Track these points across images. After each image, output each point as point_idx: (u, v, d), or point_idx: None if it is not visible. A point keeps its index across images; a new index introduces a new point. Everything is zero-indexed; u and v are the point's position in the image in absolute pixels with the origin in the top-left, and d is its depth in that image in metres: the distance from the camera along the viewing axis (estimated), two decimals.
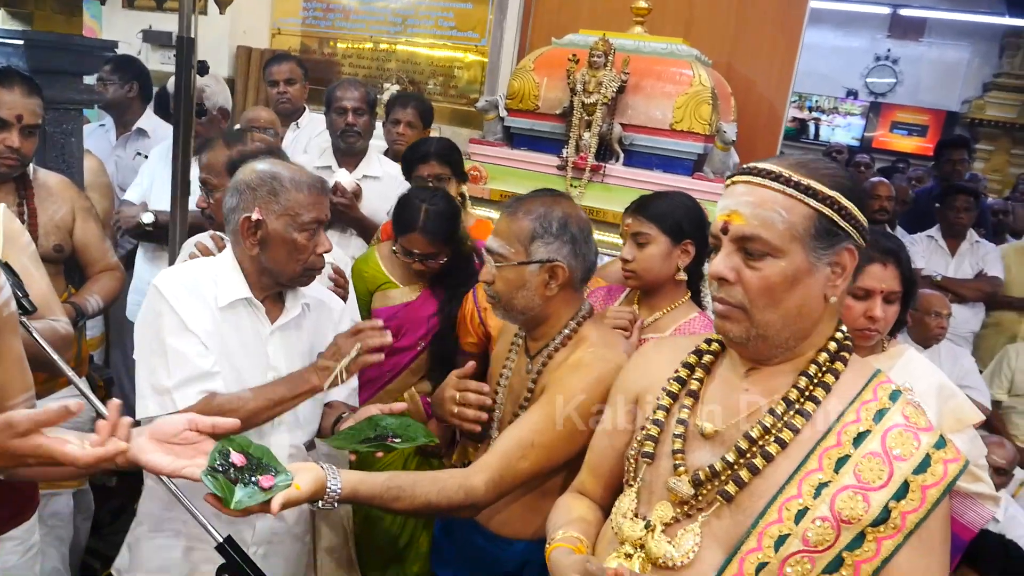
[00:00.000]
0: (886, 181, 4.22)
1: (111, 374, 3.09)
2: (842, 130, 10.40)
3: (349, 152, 3.18)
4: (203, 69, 2.22)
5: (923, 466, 1.11)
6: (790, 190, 1.14)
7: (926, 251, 4.38)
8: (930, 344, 3.43)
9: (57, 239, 2.30)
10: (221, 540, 1.49)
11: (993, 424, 3.63)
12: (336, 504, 1.41)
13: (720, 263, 1.18)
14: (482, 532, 1.74)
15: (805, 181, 1.14)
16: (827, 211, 1.14)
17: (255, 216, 1.65)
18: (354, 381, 1.97)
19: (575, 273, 1.67)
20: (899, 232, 4.29)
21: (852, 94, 10.28)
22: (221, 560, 1.69)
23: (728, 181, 1.23)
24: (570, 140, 2.91)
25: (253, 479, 1.29)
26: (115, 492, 3.04)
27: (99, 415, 1.56)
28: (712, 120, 2.78)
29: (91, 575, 2.68)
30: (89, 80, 2.67)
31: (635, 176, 2.85)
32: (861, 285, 1.79)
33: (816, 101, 10.59)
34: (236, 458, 1.30)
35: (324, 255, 1.74)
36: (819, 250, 1.14)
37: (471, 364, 1.86)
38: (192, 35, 2.13)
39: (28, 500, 1.90)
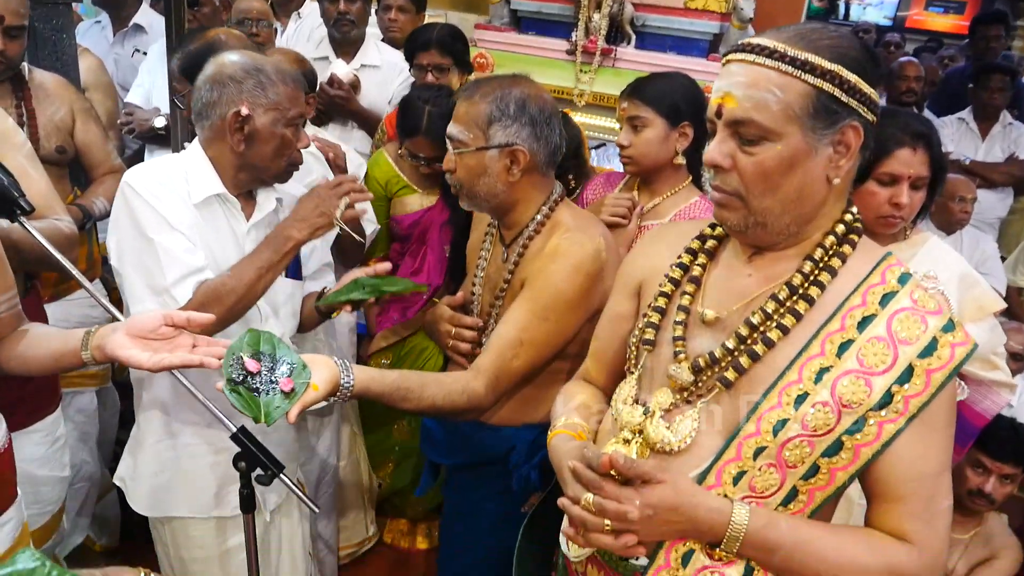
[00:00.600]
0: (914, 60, 4.02)
1: None
2: (874, 9, 9.84)
3: (345, 41, 3.07)
4: None
5: (929, 349, 1.08)
6: (785, 67, 1.06)
7: (955, 134, 4.23)
8: (953, 230, 3.35)
9: (58, 140, 2.27)
10: (235, 430, 1.53)
11: (1014, 312, 3.59)
12: (347, 399, 1.43)
13: (714, 149, 1.12)
14: (470, 421, 1.77)
15: (802, 56, 1.05)
16: (827, 87, 1.06)
17: (244, 111, 1.59)
18: (330, 275, 1.95)
19: (537, 157, 1.62)
20: (927, 114, 4.11)
21: None
22: (221, 457, 1.76)
23: (724, 60, 1.15)
24: (579, 23, 2.78)
25: (273, 383, 1.29)
26: None
27: (113, 317, 1.59)
28: None
29: None
30: None
31: (647, 59, 2.74)
32: (887, 170, 1.71)
33: None
34: (250, 364, 1.29)
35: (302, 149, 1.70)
36: (819, 130, 1.07)
37: (460, 295, 1.84)
38: None
39: (51, 395, 1.97)
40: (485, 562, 1.77)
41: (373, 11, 3.31)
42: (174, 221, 1.61)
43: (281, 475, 1.52)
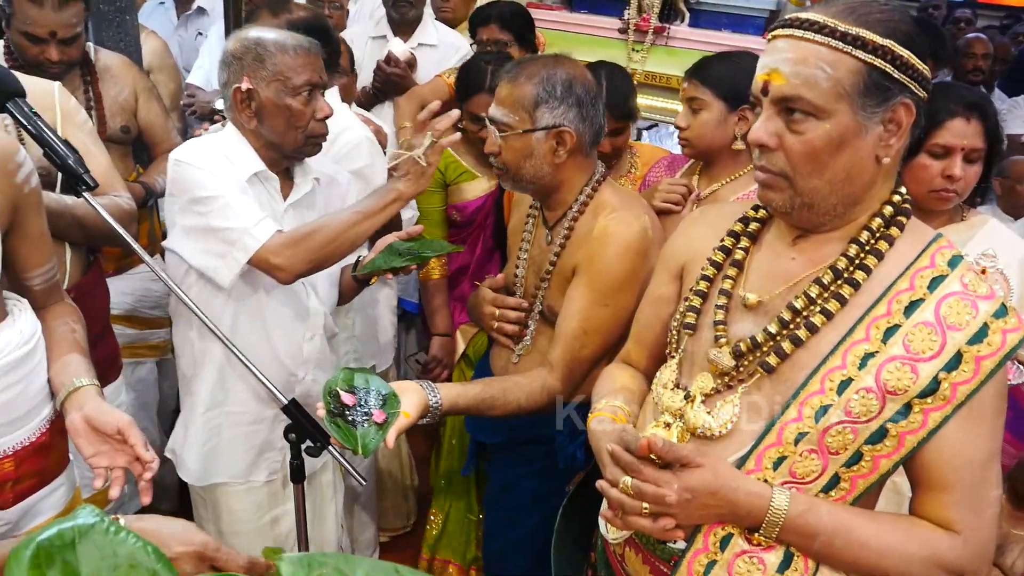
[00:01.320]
0: (983, 37, 3.84)
1: None
2: None
3: (403, 21, 3.09)
4: None
5: (979, 336, 1.05)
6: (835, 42, 1.03)
7: None
8: (1020, 215, 3.22)
9: (123, 120, 2.34)
10: (286, 402, 1.59)
11: None
12: (438, 418, 1.50)
13: (759, 128, 1.09)
14: None
15: (853, 30, 1.02)
16: (879, 63, 1.03)
17: (244, 85, 1.62)
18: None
19: (583, 137, 1.62)
20: (997, 94, 3.94)
21: None
22: (260, 426, 1.83)
23: (769, 35, 1.12)
24: (632, 1, 2.74)
25: (367, 415, 1.36)
26: None
27: (170, 289, 1.65)
28: None
29: None
30: None
31: (702, 37, 2.70)
32: (939, 142, 1.66)
33: None
34: (346, 397, 1.37)
35: (324, 120, 1.69)
36: (869, 107, 1.04)
37: (500, 277, 1.85)
38: None
39: (112, 364, 2.05)
40: (528, 539, 1.79)
41: None
42: (233, 184, 1.64)
43: (329, 447, 1.57)
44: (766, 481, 1.12)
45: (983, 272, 1.59)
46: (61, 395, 1.36)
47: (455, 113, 1.67)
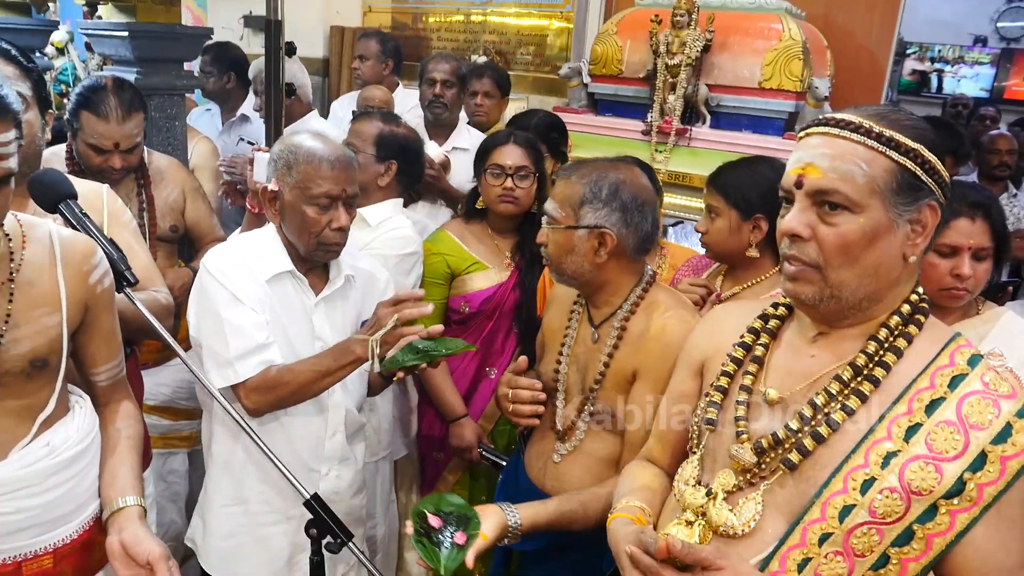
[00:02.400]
0: (1007, 134, 3.88)
1: None
2: (969, 81, 9.55)
3: (437, 123, 3.24)
4: (291, 50, 2.31)
5: (1003, 435, 1.04)
6: (871, 141, 1.07)
7: None
8: None
9: (172, 220, 2.46)
10: (308, 497, 1.59)
11: None
12: (518, 539, 1.51)
13: (794, 219, 1.12)
14: (545, 497, 1.76)
15: (888, 132, 1.07)
16: (909, 164, 1.07)
17: (272, 187, 1.73)
18: None
19: (625, 241, 1.63)
20: None
21: (980, 41, 9.44)
22: (292, 524, 1.82)
23: (801, 133, 1.17)
24: (654, 104, 2.85)
25: (451, 537, 1.43)
26: None
27: (200, 382, 1.69)
28: (804, 76, 2.66)
29: None
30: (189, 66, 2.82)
31: (723, 138, 2.78)
32: (946, 242, 1.68)
33: (939, 51, 9.82)
34: (433, 520, 1.44)
35: (341, 230, 1.74)
36: (900, 206, 1.08)
37: (523, 359, 1.84)
38: (280, 18, 2.22)
39: (143, 455, 2.08)
40: None
41: None
42: (242, 296, 1.71)
43: (350, 543, 1.56)
44: None
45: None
46: (106, 512, 1.40)
47: (428, 308, 1.70)
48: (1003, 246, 1.74)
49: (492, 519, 1.47)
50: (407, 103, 3.86)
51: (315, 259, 1.80)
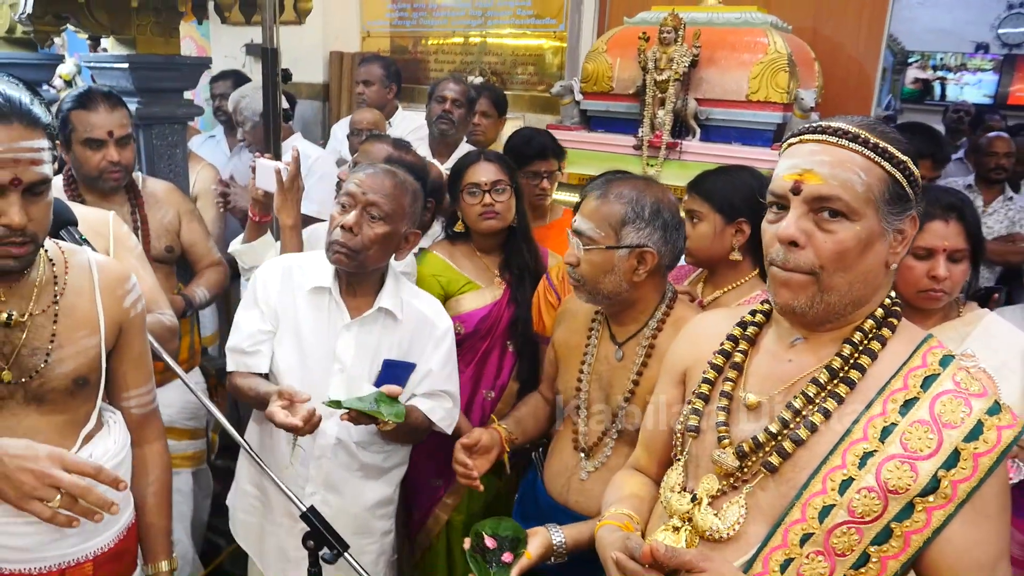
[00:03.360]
0: (1005, 136, 3.87)
1: (223, 363, 3.33)
2: (972, 88, 9.56)
3: (443, 142, 3.28)
4: (286, 77, 2.37)
5: (974, 433, 1.07)
6: (867, 151, 1.10)
7: None
8: None
9: (167, 241, 2.52)
10: (304, 509, 1.62)
11: None
12: (566, 557, 1.55)
13: (791, 226, 1.12)
14: (569, 514, 1.78)
15: (882, 143, 1.10)
16: (899, 175, 1.10)
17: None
18: (447, 403, 2.01)
19: (663, 259, 1.67)
20: None
21: (982, 48, 9.47)
22: (292, 522, 1.84)
23: (794, 139, 1.17)
24: (644, 119, 2.89)
25: (501, 558, 1.53)
26: None
27: (202, 404, 1.75)
28: (790, 88, 2.69)
29: (216, 551, 2.92)
30: (189, 95, 2.89)
31: (713, 151, 2.80)
32: (922, 244, 1.71)
33: (941, 59, 9.85)
34: (488, 542, 1.54)
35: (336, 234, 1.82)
36: (890, 215, 1.11)
37: (475, 434, 1.85)
38: (275, 46, 2.28)
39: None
40: None
41: None
42: (261, 304, 1.88)
43: (346, 554, 1.59)
44: None
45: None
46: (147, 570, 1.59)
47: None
48: (979, 248, 1.76)
49: (538, 539, 1.52)
50: (407, 126, 3.92)
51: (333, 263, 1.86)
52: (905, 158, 1.10)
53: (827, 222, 1.10)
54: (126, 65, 2.51)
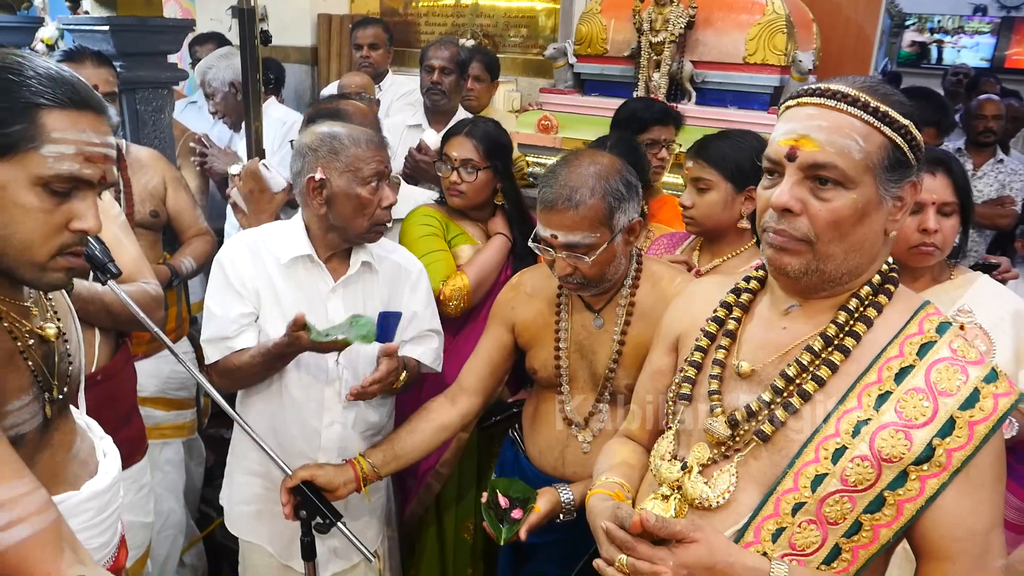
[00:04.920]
0: (995, 98, 3.83)
1: None
2: (969, 51, 9.51)
3: (436, 110, 3.23)
4: (266, 39, 2.30)
5: (971, 401, 1.05)
6: (867, 116, 1.05)
7: None
8: None
9: (152, 206, 2.47)
10: (297, 481, 1.63)
11: None
12: (575, 513, 1.65)
13: (786, 193, 1.08)
14: (544, 478, 1.79)
15: (883, 108, 1.05)
16: (900, 141, 1.06)
17: (319, 175, 1.72)
18: (434, 342, 1.99)
19: (643, 218, 1.70)
20: (1014, 155, 3.93)
21: (980, 10, 9.38)
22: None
23: (792, 102, 1.13)
24: (639, 82, 2.84)
25: (511, 515, 1.67)
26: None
27: (190, 373, 1.73)
28: (788, 50, 2.65)
29: (208, 521, 2.93)
30: (173, 58, 2.82)
31: (708, 114, 2.77)
32: None
33: (938, 22, 9.75)
34: (502, 500, 1.68)
35: (389, 208, 1.78)
36: (889, 183, 1.07)
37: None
38: (252, 5, 2.21)
39: (137, 444, 2.10)
40: None
41: None
42: (237, 285, 1.78)
43: (338, 523, 1.59)
44: (765, 554, 1.10)
45: (961, 328, 1.58)
46: None
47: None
48: (967, 203, 1.74)
49: (546, 497, 1.67)
50: (396, 90, 3.85)
51: (364, 240, 1.82)
52: (907, 122, 1.06)
53: (822, 190, 1.07)
54: (107, 28, 2.44)
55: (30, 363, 1.15)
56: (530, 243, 1.67)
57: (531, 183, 2.90)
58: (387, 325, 1.73)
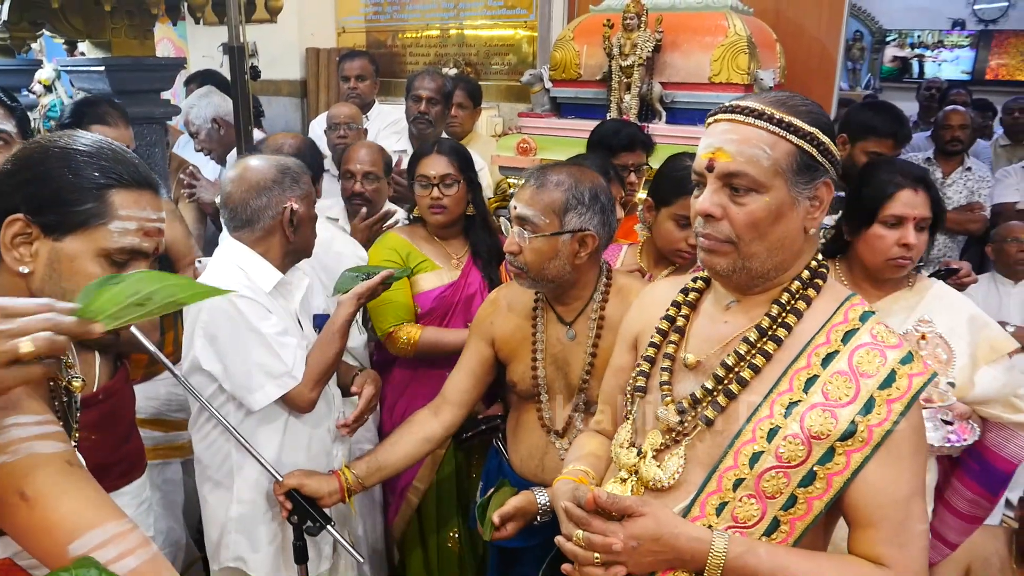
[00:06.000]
0: (960, 109, 3.98)
1: None
2: (950, 65, 9.65)
3: (421, 138, 3.35)
4: (255, 74, 2.44)
5: (888, 381, 1.15)
6: (772, 127, 1.17)
7: (1020, 182, 4.13)
8: (1019, 276, 3.27)
9: None
10: (289, 487, 1.72)
11: None
12: (551, 515, 1.66)
13: (706, 200, 1.21)
14: (526, 485, 1.85)
15: (787, 118, 1.17)
16: (807, 147, 1.17)
17: (294, 206, 1.84)
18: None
19: (602, 241, 1.75)
20: (974, 162, 4.05)
21: (959, 24, 9.56)
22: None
23: (710, 120, 1.26)
24: (612, 104, 2.97)
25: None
26: None
27: (187, 390, 1.82)
28: (751, 69, 2.78)
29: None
30: (167, 95, 2.96)
31: (679, 133, 2.89)
32: (893, 212, 1.78)
33: (919, 37, 9.93)
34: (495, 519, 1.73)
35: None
36: (800, 185, 1.18)
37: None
38: (241, 43, 2.34)
39: (137, 461, 2.19)
40: None
41: None
42: (270, 307, 1.85)
43: (327, 527, 1.68)
44: (710, 527, 1.20)
45: (923, 338, 1.67)
46: None
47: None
48: (940, 217, 1.84)
49: (522, 496, 1.70)
50: (383, 119, 3.98)
51: (308, 256, 1.97)
52: (812, 130, 1.18)
53: (738, 196, 1.19)
54: (101, 68, 2.58)
55: (59, 415, 1.19)
56: (503, 221, 1.79)
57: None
58: (320, 326, 1.93)
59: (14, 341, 0.91)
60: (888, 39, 9.90)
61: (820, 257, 1.29)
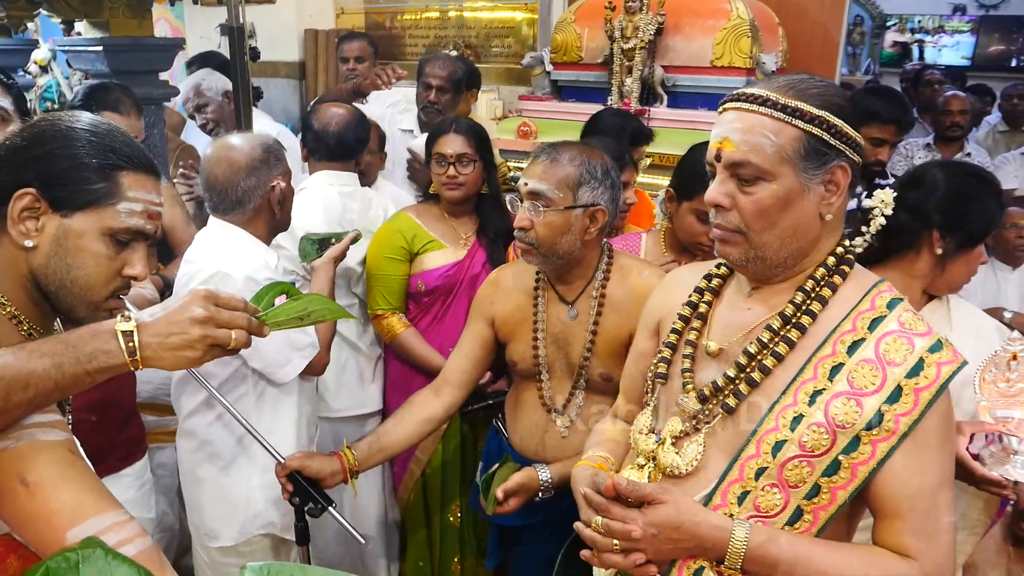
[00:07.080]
0: (960, 95, 3.97)
1: None
2: (950, 50, 9.64)
3: (430, 124, 3.31)
4: (255, 55, 2.39)
5: (916, 369, 1.14)
6: (777, 113, 1.15)
7: (1019, 169, 4.14)
8: (1017, 262, 3.27)
9: None
10: (291, 469, 1.70)
11: None
12: (553, 492, 1.75)
13: (715, 190, 1.21)
14: (526, 463, 1.86)
15: (792, 103, 1.15)
16: (816, 131, 1.15)
17: (282, 183, 1.90)
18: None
19: (611, 217, 1.75)
20: (972, 147, 4.06)
21: (959, 9, 9.53)
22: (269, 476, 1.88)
23: (720, 108, 1.25)
24: (613, 87, 2.94)
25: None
26: None
27: (193, 376, 1.79)
28: (753, 52, 2.76)
29: None
30: (165, 75, 2.91)
31: (680, 116, 2.87)
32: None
33: (919, 21, 9.90)
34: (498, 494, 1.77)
35: None
36: (810, 170, 1.15)
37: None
38: (240, 23, 2.30)
39: (137, 444, 2.19)
40: None
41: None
42: None
43: (329, 508, 1.67)
44: (731, 516, 1.19)
45: (1014, 358, 1.48)
46: None
47: None
48: None
49: (524, 471, 1.75)
50: (383, 100, 3.93)
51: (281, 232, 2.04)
52: (821, 113, 1.15)
53: (747, 184, 1.17)
54: (99, 48, 2.53)
55: None
56: (508, 200, 1.79)
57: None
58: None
59: (227, 331, 1.11)
60: (889, 24, 9.87)
61: (847, 243, 1.27)
